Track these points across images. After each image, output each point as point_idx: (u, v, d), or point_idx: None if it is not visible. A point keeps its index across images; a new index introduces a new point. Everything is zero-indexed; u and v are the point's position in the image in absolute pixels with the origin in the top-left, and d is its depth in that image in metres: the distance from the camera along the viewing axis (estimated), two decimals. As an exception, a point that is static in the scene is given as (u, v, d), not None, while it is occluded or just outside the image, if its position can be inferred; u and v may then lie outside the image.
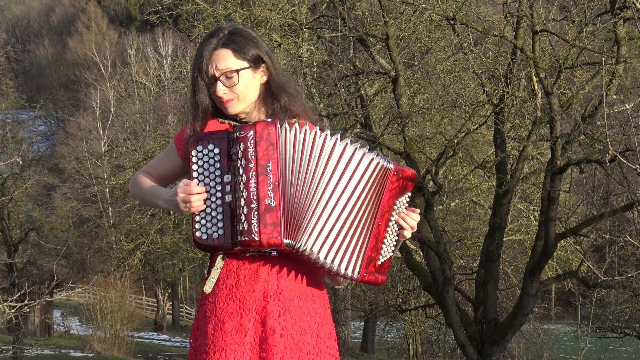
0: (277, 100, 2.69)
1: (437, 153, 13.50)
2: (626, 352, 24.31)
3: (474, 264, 16.05)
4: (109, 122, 37.60)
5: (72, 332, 28.92)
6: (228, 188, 2.51)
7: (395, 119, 11.90)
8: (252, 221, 2.46)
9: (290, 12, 12.82)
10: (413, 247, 16.25)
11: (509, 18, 11.30)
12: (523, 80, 11.93)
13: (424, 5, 11.08)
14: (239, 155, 2.49)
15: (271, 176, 2.48)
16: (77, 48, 54.87)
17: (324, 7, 13.64)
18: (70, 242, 28.45)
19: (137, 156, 24.18)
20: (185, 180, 2.56)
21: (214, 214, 2.53)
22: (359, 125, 12.93)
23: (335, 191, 2.52)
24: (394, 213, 2.62)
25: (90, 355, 21.72)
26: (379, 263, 2.60)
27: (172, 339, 29.78)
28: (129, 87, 40.87)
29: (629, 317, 17.75)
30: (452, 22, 10.92)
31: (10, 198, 18.72)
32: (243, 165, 2.49)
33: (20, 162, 19.76)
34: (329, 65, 12.64)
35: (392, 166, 2.57)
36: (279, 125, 2.52)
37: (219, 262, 2.60)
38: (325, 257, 2.52)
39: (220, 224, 2.52)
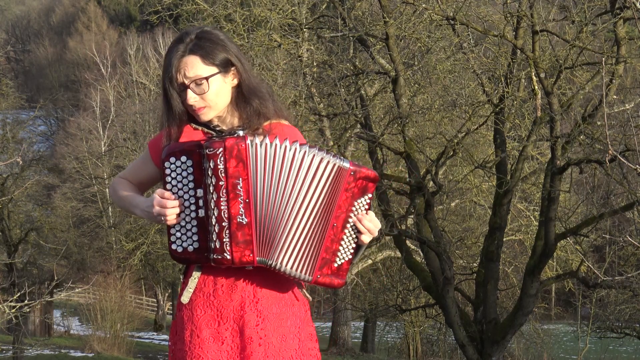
0: (249, 103, 2.65)
1: (437, 153, 13.50)
2: (626, 352, 24.31)
3: (474, 264, 16.05)
4: (109, 122, 37.61)
5: (72, 332, 28.93)
6: (200, 202, 2.50)
7: (395, 119, 11.90)
8: (224, 239, 2.47)
9: (290, 12, 12.82)
10: (413, 247, 16.25)
11: (509, 18, 11.29)
12: (523, 80, 11.93)
13: (424, 5, 11.08)
14: (209, 173, 2.47)
15: (242, 193, 2.47)
16: (77, 48, 54.88)
17: (324, 7, 13.63)
18: (70, 242, 28.47)
19: (137, 156, 24.17)
20: (160, 191, 2.54)
21: (188, 227, 2.53)
22: (359, 125, 12.92)
23: (301, 202, 2.50)
24: (352, 215, 2.55)
25: (90, 355, 21.72)
26: (336, 265, 2.56)
27: (172, 339, 29.72)
28: (129, 87, 40.86)
29: (629, 317, 17.75)
30: (452, 22, 10.92)
31: (10, 198, 18.72)
32: (213, 183, 2.47)
33: (20, 162, 19.76)
34: (329, 65, 12.63)
35: (347, 165, 2.51)
36: (248, 141, 2.48)
37: (196, 272, 2.60)
38: (287, 265, 2.52)
39: (195, 237, 2.52)
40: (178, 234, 2.53)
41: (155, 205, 2.52)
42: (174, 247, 2.54)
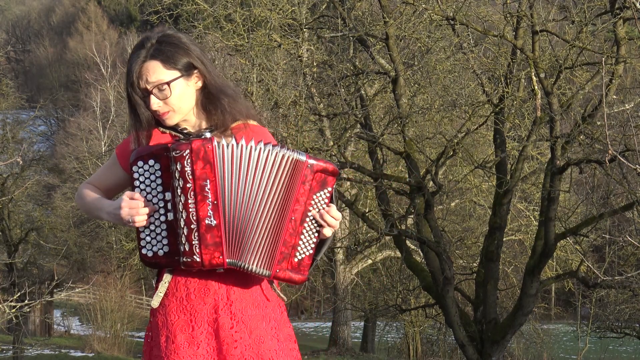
0: (216, 104, 2.63)
1: (437, 153, 13.50)
2: (626, 352, 24.32)
3: (474, 264, 16.05)
4: (109, 122, 37.63)
5: (72, 332, 28.94)
6: (169, 206, 2.49)
7: (395, 119, 11.90)
8: (193, 242, 2.46)
9: (290, 12, 12.83)
10: (413, 247, 16.26)
11: (509, 18, 11.30)
12: (523, 80, 11.93)
13: (424, 5, 11.08)
14: (177, 175, 2.46)
15: (210, 195, 2.46)
16: (77, 48, 54.88)
17: (324, 7, 13.64)
18: (71, 242, 28.48)
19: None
20: (129, 193, 2.53)
21: (157, 230, 2.52)
22: (359, 125, 12.93)
23: (261, 198, 2.48)
24: (310, 209, 2.52)
25: (90, 355, 21.73)
26: (296, 260, 2.53)
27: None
28: (129, 87, 40.82)
29: (629, 317, 17.76)
30: (452, 22, 10.92)
31: (10, 198, 18.73)
32: (181, 185, 2.46)
33: (20, 162, 19.77)
34: (329, 65, 12.64)
35: (303, 158, 2.49)
36: (215, 143, 2.46)
37: (167, 276, 2.58)
38: (251, 263, 2.50)
39: (165, 241, 2.51)
40: (148, 238, 2.52)
41: (125, 207, 2.50)
42: (144, 251, 2.52)
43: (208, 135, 2.60)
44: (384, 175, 12.41)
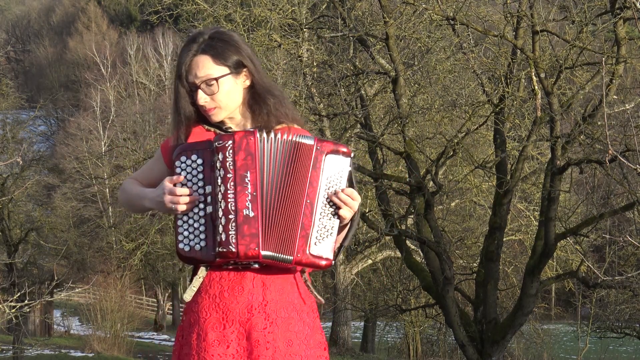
0: (262, 104, 2.64)
1: (437, 153, 13.50)
2: (626, 352, 24.31)
3: (474, 264, 16.05)
4: (109, 122, 37.63)
5: (72, 332, 28.93)
6: (209, 199, 2.49)
7: (395, 119, 11.90)
8: (230, 232, 2.44)
9: (290, 12, 12.83)
10: (413, 247, 16.26)
11: (509, 18, 11.29)
12: (523, 80, 11.93)
13: (424, 5, 11.08)
14: (218, 166, 2.47)
15: (249, 186, 2.46)
16: (77, 48, 54.88)
17: (324, 7, 13.65)
18: (71, 242, 28.47)
19: (137, 156, 24.16)
20: (169, 178, 2.53)
21: (196, 225, 2.51)
22: (359, 125, 12.93)
23: (283, 188, 2.49)
24: (324, 191, 2.51)
25: (90, 355, 21.72)
26: (317, 244, 2.50)
27: (172, 339, 29.76)
28: (129, 87, 40.89)
29: (629, 317, 17.75)
30: (452, 22, 10.92)
31: (10, 198, 18.73)
32: (222, 175, 2.46)
33: (20, 162, 19.78)
34: (329, 65, 12.64)
35: (311, 142, 2.50)
36: (257, 135, 2.48)
37: (202, 271, 2.57)
38: (274, 250, 2.48)
39: (202, 236, 2.50)
40: (185, 233, 2.52)
41: (167, 193, 2.52)
42: (181, 246, 2.52)
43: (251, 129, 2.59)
44: (384, 175, 12.41)
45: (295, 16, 12.86)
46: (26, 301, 11.09)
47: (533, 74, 10.98)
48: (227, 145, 2.47)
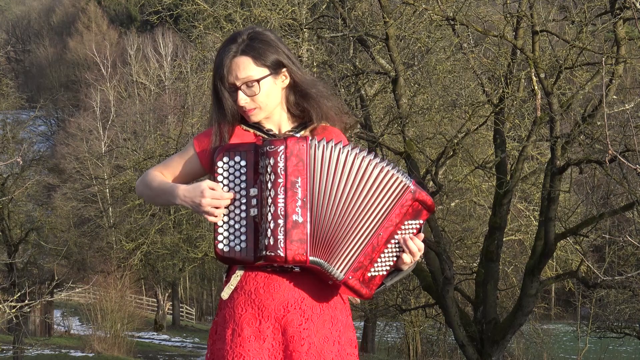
0: (303, 102, 2.67)
1: (437, 153, 13.51)
2: (626, 352, 24.33)
3: (474, 264, 16.06)
4: (109, 122, 37.65)
5: (72, 332, 28.93)
6: (254, 202, 2.49)
7: (395, 119, 11.91)
8: (279, 236, 2.44)
9: (290, 12, 12.83)
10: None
11: (509, 18, 11.30)
12: (523, 80, 11.93)
13: (424, 6, 11.08)
14: (268, 170, 2.47)
15: (300, 192, 2.47)
16: (77, 48, 54.92)
17: (324, 7, 13.64)
18: (71, 242, 28.46)
19: (137, 156, 24.19)
20: (211, 183, 2.52)
21: (237, 226, 2.51)
22: (359, 126, 12.93)
23: (357, 207, 2.50)
24: (399, 232, 2.54)
25: (91, 355, 21.73)
26: (369, 275, 2.53)
27: (172, 339, 29.79)
28: (129, 87, 40.88)
29: (629, 317, 17.77)
30: (452, 22, 10.92)
31: (10, 198, 18.73)
32: (272, 180, 2.46)
33: (20, 162, 19.79)
34: (329, 65, 12.64)
35: (411, 185, 2.52)
36: (309, 142, 2.49)
37: (239, 270, 2.58)
38: (329, 263, 2.50)
39: (243, 237, 2.50)
40: (226, 233, 2.52)
41: (207, 196, 2.50)
42: (220, 246, 2.52)
43: (298, 135, 2.61)
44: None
45: (295, 16, 12.86)
46: (26, 301, 11.09)
47: (533, 74, 10.98)
48: (279, 150, 2.46)
